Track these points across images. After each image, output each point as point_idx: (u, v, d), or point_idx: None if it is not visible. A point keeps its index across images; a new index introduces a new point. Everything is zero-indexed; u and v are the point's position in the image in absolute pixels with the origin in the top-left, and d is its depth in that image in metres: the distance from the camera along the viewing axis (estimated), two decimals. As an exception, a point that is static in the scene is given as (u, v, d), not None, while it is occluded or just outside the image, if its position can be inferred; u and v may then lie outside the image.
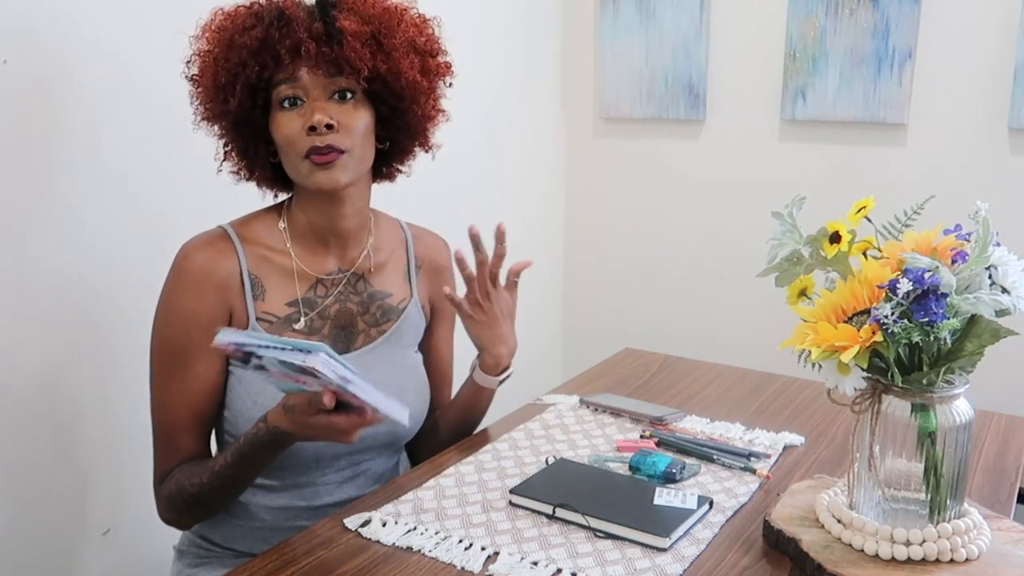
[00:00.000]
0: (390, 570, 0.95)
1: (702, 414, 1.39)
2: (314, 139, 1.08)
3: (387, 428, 1.19)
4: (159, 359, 1.13)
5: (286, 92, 1.10)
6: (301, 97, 1.10)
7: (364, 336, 1.21)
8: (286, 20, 1.08)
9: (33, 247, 1.32)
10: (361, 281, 1.22)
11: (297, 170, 1.11)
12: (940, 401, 0.90)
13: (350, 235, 1.20)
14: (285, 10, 1.09)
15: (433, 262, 1.32)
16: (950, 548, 0.91)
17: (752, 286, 1.48)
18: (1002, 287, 0.89)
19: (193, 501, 1.10)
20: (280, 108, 1.10)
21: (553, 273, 2.77)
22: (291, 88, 1.09)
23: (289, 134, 1.09)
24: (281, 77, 1.09)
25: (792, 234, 0.97)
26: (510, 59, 2.41)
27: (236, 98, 1.09)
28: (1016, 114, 2.03)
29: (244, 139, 1.15)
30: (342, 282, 1.20)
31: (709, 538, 1.02)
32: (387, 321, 1.24)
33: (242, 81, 1.08)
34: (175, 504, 1.12)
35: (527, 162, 2.56)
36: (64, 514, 1.42)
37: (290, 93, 1.09)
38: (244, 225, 1.18)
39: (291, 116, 1.10)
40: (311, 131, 1.08)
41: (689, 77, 2.43)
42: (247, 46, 1.07)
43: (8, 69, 1.26)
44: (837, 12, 2.19)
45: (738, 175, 2.44)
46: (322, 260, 1.20)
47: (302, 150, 1.09)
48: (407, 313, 1.26)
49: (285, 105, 1.10)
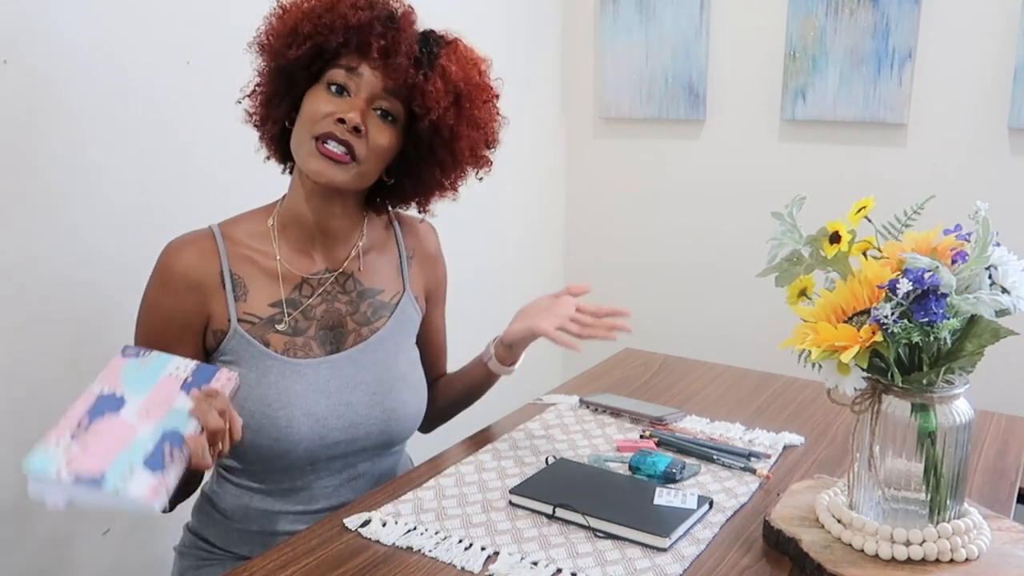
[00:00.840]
0: (390, 570, 0.95)
1: (702, 414, 1.39)
2: (335, 130, 1.08)
3: (380, 428, 1.19)
4: None
5: (340, 78, 1.10)
6: (350, 90, 1.10)
7: (355, 336, 1.20)
8: (395, 25, 1.09)
9: (33, 247, 1.32)
10: (350, 280, 1.22)
11: (301, 146, 1.11)
12: (940, 401, 0.90)
13: (338, 235, 1.20)
14: (397, 17, 1.10)
15: (424, 251, 1.32)
16: (950, 548, 0.91)
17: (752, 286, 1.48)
18: (1002, 287, 0.89)
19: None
20: (325, 86, 1.10)
21: (553, 273, 2.77)
22: (348, 78, 1.10)
23: (316, 111, 1.09)
24: (344, 63, 1.09)
25: (792, 234, 0.97)
26: (510, 59, 2.40)
27: (298, 51, 1.08)
28: (1016, 114, 2.03)
29: (277, 88, 1.14)
30: (328, 282, 1.20)
31: (709, 538, 1.02)
32: (379, 319, 1.23)
33: (317, 42, 1.08)
34: None
35: (527, 162, 2.56)
36: (64, 514, 1.42)
37: (343, 81, 1.10)
38: (231, 225, 1.17)
39: (329, 98, 1.10)
40: (339, 122, 1.08)
41: (689, 77, 2.43)
42: (346, 18, 1.07)
43: (8, 69, 1.26)
44: (837, 12, 2.19)
45: (738, 175, 2.44)
46: (308, 260, 1.19)
47: (318, 131, 1.09)
48: (401, 308, 1.25)
49: (331, 88, 1.10)
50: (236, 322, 1.13)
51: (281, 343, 1.14)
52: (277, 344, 1.14)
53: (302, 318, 1.17)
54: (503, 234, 2.46)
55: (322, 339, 1.18)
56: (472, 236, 2.31)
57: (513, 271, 2.54)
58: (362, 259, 1.23)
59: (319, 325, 1.18)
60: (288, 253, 1.18)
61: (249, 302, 1.14)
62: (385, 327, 1.23)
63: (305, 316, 1.17)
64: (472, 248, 2.32)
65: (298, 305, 1.17)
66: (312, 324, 1.17)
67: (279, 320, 1.15)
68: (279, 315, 1.16)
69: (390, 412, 1.19)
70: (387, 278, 1.26)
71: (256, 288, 1.15)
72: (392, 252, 1.28)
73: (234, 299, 1.13)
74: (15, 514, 1.34)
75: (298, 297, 1.17)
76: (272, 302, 1.16)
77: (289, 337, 1.15)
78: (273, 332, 1.15)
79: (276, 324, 1.15)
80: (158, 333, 1.11)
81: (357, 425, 1.17)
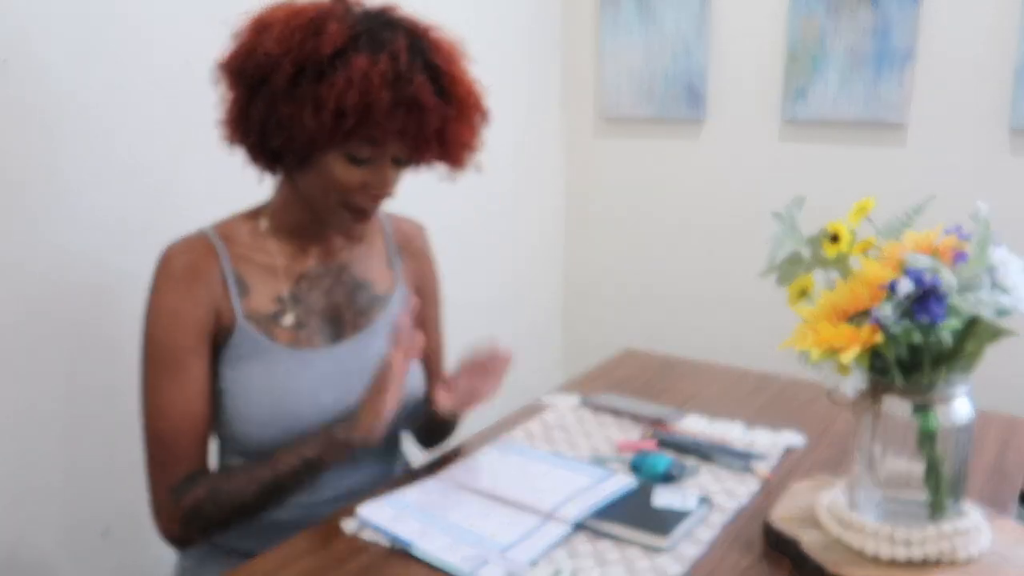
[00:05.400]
0: (390, 570, 0.95)
1: (702, 414, 1.39)
2: (368, 202, 1.11)
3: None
4: (150, 365, 1.11)
5: (365, 154, 1.07)
6: (375, 159, 1.09)
7: (352, 327, 1.21)
8: (419, 112, 1.04)
9: (32, 247, 1.32)
10: (345, 272, 1.23)
11: (328, 210, 1.12)
12: (940, 401, 0.90)
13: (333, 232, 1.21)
14: (421, 100, 1.04)
15: (413, 247, 1.33)
16: (950, 548, 0.91)
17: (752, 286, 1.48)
18: (1002, 287, 0.89)
19: (237, 507, 1.08)
20: (348, 158, 1.07)
21: (553, 273, 2.77)
22: (374, 151, 1.07)
23: (347, 183, 1.08)
24: (368, 135, 1.05)
25: (792, 234, 0.97)
26: (510, 59, 2.41)
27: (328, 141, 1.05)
28: (1016, 114, 2.03)
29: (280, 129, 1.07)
30: (325, 275, 1.21)
31: (709, 538, 1.02)
32: (374, 310, 1.24)
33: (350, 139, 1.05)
34: (202, 512, 1.08)
35: (527, 162, 2.56)
36: (64, 514, 1.42)
37: (368, 156, 1.08)
38: (224, 226, 1.17)
39: (356, 170, 1.08)
40: (376, 196, 1.10)
41: (689, 77, 2.43)
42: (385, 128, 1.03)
43: (8, 69, 1.26)
44: (837, 12, 2.19)
45: (738, 175, 2.44)
46: (305, 255, 1.20)
47: (353, 204, 1.10)
48: (393, 301, 1.26)
49: (353, 159, 1.08)
50: (243, 318, 1.13)
51: (286, 337, 1.15)
52: (283, 338, 1.15)
53: (303, 312, 1.18)
54: (503, 234, 2.46)
55: (323, 331, 1.19)
56: (472, 236, 2.31)
57: (513, 271, 2.55)
58: (355, 249, 1.24)
59: (320, 318, 1.19)
60: (284, 250, 1.18)
61: (252, 299, 1.15)
62: (381, 318, 1.23)
63: (307, 309, 1.18)
64: (472, 248, 2.32)
65: (299, 299, 1.18)
66: (313, 317, 1.18)
67: (282, 314, 1.16)
68: (282, 310, 1.16)
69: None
70: (378, 272, 1.27)
71: (257, 285, 1.15)
72: (381, 248, 1.29)
73: (239, 297, 1.14)
74: (15, 514, 1.34)
75: (298, 292, 1.18)
76: (274, 297, 1.16)
77: (293, 331, 1.16)
78: (278, 327, 1.15)
79: (279, 319, 1.16)
80: (169, 339, 1.10)
81: None
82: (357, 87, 1.01)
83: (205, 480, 1.10)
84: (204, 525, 1.10)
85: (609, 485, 1.10)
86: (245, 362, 1.13)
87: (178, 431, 1.10)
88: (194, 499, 1.09)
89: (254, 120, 1.08)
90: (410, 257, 1.32)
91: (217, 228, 1.17)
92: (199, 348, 1.11)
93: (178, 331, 1.10)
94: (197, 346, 1.11)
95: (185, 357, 1.10)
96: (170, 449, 1.11)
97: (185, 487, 1.10)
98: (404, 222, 1.34)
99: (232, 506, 1.08)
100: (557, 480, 1.12)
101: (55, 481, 1.40)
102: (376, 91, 1.01)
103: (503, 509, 1.06)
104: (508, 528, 1.02)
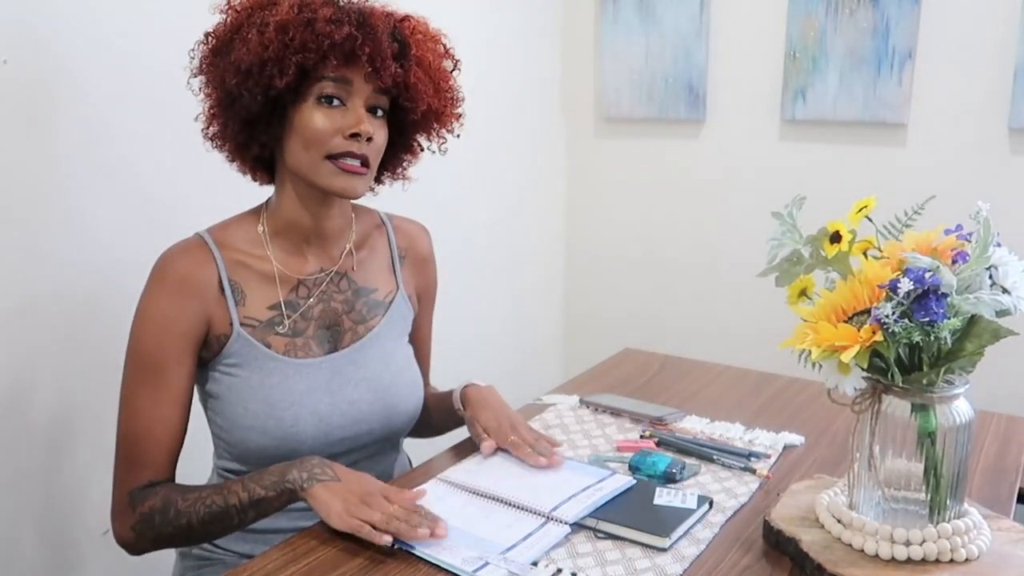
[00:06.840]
0: (390, 570, 0.95)
1: (702, 414, 1.39)
2: (352, 146, 1.09)
3: (382, 424, 1.19)
4: (132, 367, 1.11)
5: (332, 90, 1.09)
6: (342, 99, 1.10)
7: (351, 334, 1.21)
8: (369, 28, 1.08)
9: (33, 248, 1.32)
10: (344, 279, 1.22)
11: (313, 167, 1.10)
12: (940, 401, 0.90)
13: (332, 234, 1.21)
14: (368, 16, 1.09)
15: (416, 251, 1.32)
16: (950, 548, 0.91)
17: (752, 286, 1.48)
18: (1002, 287, 0.89)
19: (183, 526, 1.06)
20: (315, 101, 1.09)
21: (553, 273, 2.77)
22: (340, 88, 1.09)
23: (321, 129, 1.09)
24: (331, 74, 1.08)
25: (792, 234, 0.97)
26: (510, 59, 2.41)
27: (286, 77, 1.06)
28: (1016, 114, 2.03)
29: (261, 114, 1.10)
30: (324, 282, 1.20)
31: (709, 538, 1.02)
32: (374, 317, 1.23)
33: (299, 62, 1.06)
34: (153, 522, 1.07)
35: (527, 162, 2.56)
36: (64, 514, 1.42)
37: (335, 92, 1.09)
38: (221, 231, 1.17)
39: (329, 113, 1.09)
40: (352, 137, 1.09)
41: (689, 77, 2.43)
42: (329, 36, 1.06)
43: (8, 69, 1.26)
44: (837, 12, 2.19)
45: (738, 175, 2.44)
46: (303, 261, 1.19)
47: (333, 150, 1.09)
48: (394, 306, 1.26)
49: (322, 101, 1.09)
50: (239, 326, 1.13)
51: (282, 344, 1.15)
52: (278, 346, 1.14)
53: (300, 319, 1.17)
54: (503, 234, 2.46)
55: (320, 338, 1.18)
56: (472, 236, 2.31)
57: (513, 271, 2.55)
58: (355, 256, 1.23)
59: (317, 325, 1.18)
60: (282, 256, 1.18)
61: (248, 306, 1.14)
62: (380, 325, 1.23)
63: (303, 317, 1.17)
64: (472, 248, 2.32)
65: (296, 306, 1.17)
66: (310, 324, 1.18)
67: (279, 322, 1.16)
68: (278, 317, 1.16)
69: (391, 408, 1.20)
70: (380, 278, 1.26)
71: (253, 292, 1.15)
72: (384, 252, 1.28)
73: (235, 304, 1.13)
74: (15, 514, 1.34)
75: (295, 298, 1.17)
76: (270, 305, 1.16)
77: (289, 338, 1.16)
78: (273, 334, 1.15)
79: (276, 326, 1.15)
80: (155, 344, 1.10)
81: (360, 422, 1.17)
82: (297, 5, 1.07)
83: (164, 490, 1.09)
84: (153, 536, 1.08)
85: (609, 485, 1.10)
86: (241, 369, 1.12)
87: (149, 435, 1.10)
88: (149, 507, 1.08)
89: (221, 89, 1.10)
90: (413, 263, 1.31)
91: (214, 233, 1.16)
92: (182, 358, 1.11)
93: (163, 338, 1.10)
94: (180, 355, 1.10)
95: (167, 364, 1.10)
96: (137, 452, 1.10)
97: (143, 493, 1.09)
98: (407, 226, 1.34)
99: (178, 524, 1.06)
100: (557, 480, 1.12)
101: (55, 481, 1.40)
102: (318, 6, 1.07)
103: (503, 509, 1.06)
104: (508, 528, 1.01)
